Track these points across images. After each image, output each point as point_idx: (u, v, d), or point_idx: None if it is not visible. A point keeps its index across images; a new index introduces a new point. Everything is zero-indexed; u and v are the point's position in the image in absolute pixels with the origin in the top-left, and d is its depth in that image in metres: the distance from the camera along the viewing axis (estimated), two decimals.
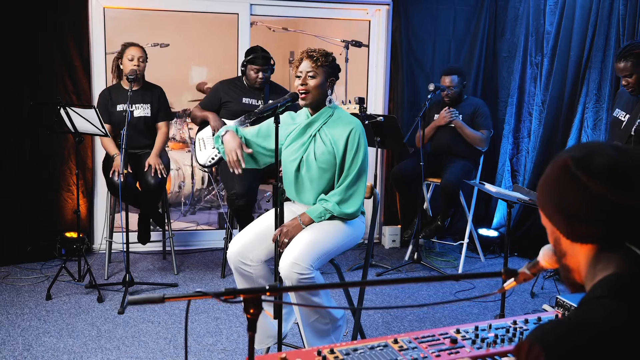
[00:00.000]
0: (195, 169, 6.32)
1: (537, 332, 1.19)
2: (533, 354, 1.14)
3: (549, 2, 5.22)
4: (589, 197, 1.18)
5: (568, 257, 1.28)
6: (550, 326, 1.19)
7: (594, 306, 1.19)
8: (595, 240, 1.22)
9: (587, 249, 1.24)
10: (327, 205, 3.01)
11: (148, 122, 4.71)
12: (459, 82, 5.11)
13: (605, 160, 1.18)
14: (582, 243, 1.24)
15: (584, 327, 1.16)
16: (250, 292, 1.46)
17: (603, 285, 1.20)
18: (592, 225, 1.20)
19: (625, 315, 1.16)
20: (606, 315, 1.16)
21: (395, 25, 5.56)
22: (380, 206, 5.80)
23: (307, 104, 3.04)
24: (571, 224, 1.22)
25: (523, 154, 5.52)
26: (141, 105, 4.67)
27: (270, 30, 6.53)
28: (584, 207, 1.19)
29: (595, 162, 1.19)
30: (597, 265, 1.23)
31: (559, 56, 5.14)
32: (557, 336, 1.16)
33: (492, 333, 2.06)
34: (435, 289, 4.63)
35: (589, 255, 1.24)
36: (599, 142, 1.27)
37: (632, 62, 3.64)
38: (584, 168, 1.19)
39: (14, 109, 4.89)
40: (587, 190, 1.18)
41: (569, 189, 1.21)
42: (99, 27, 5.13)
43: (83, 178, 5.10)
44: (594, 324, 1.15)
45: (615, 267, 1.20)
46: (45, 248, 5.00)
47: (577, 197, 1.20)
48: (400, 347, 1.95)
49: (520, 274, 1.66)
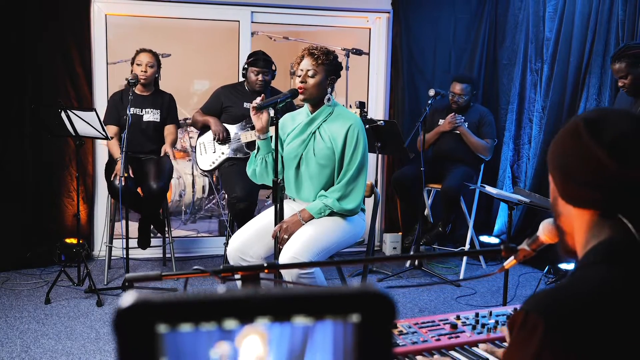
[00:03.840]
0: (196, 177, 6.32)
1: (532, 301, 1.17)
2: (529, 323, 1.11)
3: (548, 9, 5.24)
4: (591, 162, 1.16)
5: (563, 218, 1.27)
6: (545, 294, 1.17)
7: (589, 272, 1.18)
8: (589, 205, 1.20)
9: (582, 214, 1.22)
10: (327, 201, 3.00)
11: (157, 127, 4.75)
12: (469, 92, 5.12)
13: (616, 129, 1.16)
14: (577, 207, 1.22)
15: (580, 293, 1.14)
16: (248, 270, 1.45)
17: (597, 251, 1.19)
18: (589, 190, 1.18)
19: (621, 279, 1.14)
20: (602, 280, 1.15)
21: (396, 33, 5.59)
22: (381, 213, 5.78)
23: (305, 99, 3.05)
24: (569, 185, 1.21)
25: (524, 160, 5.51)
26: (151, 110, 4.70)
27: (271, 39, 6.57)
28: (584, 171, 1.18)
29: (605, 129, 1.17)
30: (590, 231, 1.21)
31: (559, 62, 5.15)
32: (553, 303, 1.14)
33: (493, 319, 2.05)
34: (436, 293, 4.60)
35: (583, 221, 1.22)
36: (618, 110, 1.26)
37: (626, 63, 3.65)
38: (593, 133, 1.17)
39: (16, 115, 4.90)
40: (590, 155, 1.16)
41: (573, 151, 1.20)
42: (101, 34, 5.16)
43: (83, 184, 5.09)
44: (590, 289, 1.14)
45: (607, 234, 1.19)
46: (45, 254, 4.98)
47: (579, 160, 1.18)
48: (399, 332, 1.93)
49: (520, 251, 1.65)
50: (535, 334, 1.09)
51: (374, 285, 0.60)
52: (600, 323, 1.10)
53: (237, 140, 4.69)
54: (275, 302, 0.59)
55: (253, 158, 3.17)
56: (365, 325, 0.59)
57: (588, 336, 1.08)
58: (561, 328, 1.09)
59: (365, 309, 0.59)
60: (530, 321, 1.11)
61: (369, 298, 0.59)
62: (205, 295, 0.58)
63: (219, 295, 0.58)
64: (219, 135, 4.65)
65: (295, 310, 0.59)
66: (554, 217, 1.31)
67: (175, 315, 0.57)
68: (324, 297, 0.60)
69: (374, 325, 0.59)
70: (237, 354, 0.59)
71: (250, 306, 0.58)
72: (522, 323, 1.12)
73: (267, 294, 0.59)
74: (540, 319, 1.09)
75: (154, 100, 4.75)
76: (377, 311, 0.59)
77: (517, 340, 1.13)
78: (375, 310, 0.59)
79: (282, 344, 0.60)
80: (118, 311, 0.57)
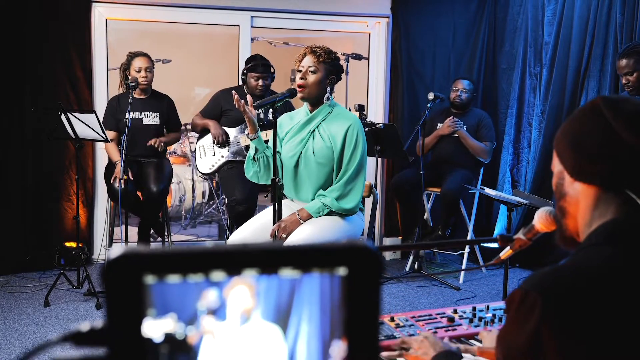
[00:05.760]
0: (197, 183, 6.32)
1: (531, 280, 1.17)
2: (528, 301, 1.11)
3: (547, 13, 5.26)
4: (607, 134, 1.18)
5: (567, 198, 1.26)
6: (545, 273, 1.17)
7: (590, 252, 1.18)
8: (598, 180, 1.20)
9: (589, 191, 1.22)
10: (326, 201, 3.00)
11: (157, 129, 4.76)
12: (471, 90, 5.18)
13: (634, 105, 1.20)
14: (585, 182, 1.22)
15: (581, 271, 1.15)
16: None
17: (600, 232, 1.19)
18: (601, 162, 1.19)
19: (622, 258, 1.15)
20: (604, 260, 1.15)
21: (395, 38, 5.61)
22: (381, 217, 5.78)
23: (304, 96, 3.05)
24: (581, 160, 1.22)
25: (523, 164, 5.52)
26: (150, 113, 4.72)
27: (272, 45, 6.59)
28: (598, 144, 1.19)
29: (624, 104, 1.20)
30: (596, 210, 1.21)
31: (558, 66, 5.16)
32: (553, 281, 1.14)
33: (490, 313, 2.05)
34: (436, 296, 4.59)
35: (589, 198, 1.22)
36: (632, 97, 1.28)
37: (634, 59, 3.66)
38: (612, 107, 1.20)
39: (16, 119, 4.91)
40: (607, 127, 1.18)
41: (590, 124, 1.22)
42: (101, 38, 5.18)
43: (83, 188, 5.09)
44: (591, 269, 1.14)
45: (612, 213, 1.19)
46: (45, 257, 4.98)
47: (595, 133, 1.20)
48: (396, 325, 1.93)
49: (516, 240, 1.65)
50: (534, 311, 1.09)
51: (360, 241, 0.61)
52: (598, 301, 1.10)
53: (236, 143, 4.70)
54: (262, 255, 0.59)
55: (249, 162, 3.18)
56: (352, 278, 0.59)
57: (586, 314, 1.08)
58: (560, 306, 1.09)
59: (352, 262, 0.59)
60: (529, 299, 1.11)
61: (356, 252, 0.60)
62: (193, 247, 0.59)
63: (207, 248, 0.59)
64: (219, 139, 4.67)
65: (282, 262, 0.59)
66: (557, 200, 1.31)
67: (162, 266, 0.58)
68: (311, 251, 0.60)
69: (361, 278, 0.59)
70: (224, 305, 0.60)
71: (237, 258, 0.58)
72: (520, 301, 1.13)
73: (254, 246, 0.59)
74: (539, 296, 1.10)
75: (152, 103, 4.76)
76: (364, 265, 0.59)
77: (516, 317, 1.13)
78: (362, 264, 0.59)
79: (270, 296, 0.60)
80: (106, 262, 0.57)
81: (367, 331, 0.60)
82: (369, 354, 0.60)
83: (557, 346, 1.07)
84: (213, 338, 0.61)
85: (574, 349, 1.07)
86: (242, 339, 0.62)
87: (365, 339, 0.60)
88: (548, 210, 1.54)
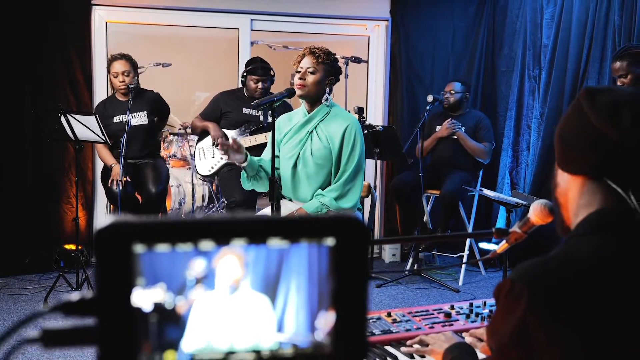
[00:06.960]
0: (196, 186, 6.32)
1: (518, 271, 1.18)
2: (515, 292, 1.12)
3: (546, 16, 5.28)
4: (584, 125, 1.19)
5: (559, 189, 1.28)
6: (532, 264, 1.18)
7: (578, 242, 1.19)
8: (582, 170, 1.22)
9: (576, 182, 1.23)
10: (324, 200, 3.01)
11: (146, 129, 4.74)
12: (461, 90, 5.17)
13: (612, 95, 1.19)
14: (571, 173, 1.24)
15: (569, 262, 1.15)
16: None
17: (587, 222, 1.20)
18: (581, 153, 1.20)
19: (610, 248, 1.15)
20: (592, 250, 1.15)
21: (394, 41, 5.62)
22: (380, 220, 5.78)
23: (303, 95, 3.06)
24: (566, 151, 1.24)
25: (522, 166, 5.52)
26: (137, 114, 4.70)
27: (271, 48, 6.61)
28: (578, 134, 1.21)
29: (601, 95, 1.20)
30: (582, 200, 1.22)
31: (557, 69, 5.17)
32: (540, 272, 1.14)
33: (487, 309, 2.05)
34: (435, 299, 4.59)
35: (576, 188, 1.23)
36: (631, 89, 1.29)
37: (628, 61, 3.67)
38: (589, 97, 1.20)
39: (16, 121, 4.92)
40: (584, 118, 1.19)
41: (572, 116, 1.24)
42: (101, 41, 5.20)
43: (83, 190, 5.09)
44: (579, 259, 1.15)
45: (599, 203, 1.20)
46: (44, 259, 4.98)
47: (575, 124, 1.22)
48: (393, 320, 1.93)
49: (511, 234, 1.65)
50: (521, 301, 1.10)
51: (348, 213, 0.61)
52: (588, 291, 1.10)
53: None
54: (251, 225, 0.60)
55: (244, 178, 3.23)
56: (339, 248, 0.60)
57: (576, 304, 1.09)
58: (547, 296, 1.09)
59: (340, 233, 0.60)
60: (515, 289, 1.12)
61: (344, 223, 0.60)
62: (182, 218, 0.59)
63: (196, 218, 0.60)
64: (218, 141, 4.67)
65: (271, 232, 0.60)
66: (552, 191, 1.32)
67: (151, 235, 0.58)
68: (299, 222, 0.61)
69: (349, 248, 0.60)
70: (213, 274, 0.60)
71: (226, 228, 0.59)
72: (508, 291, 1.13)
73: (243, 217, 0.60)
74: (525, 288, 1.10)
75: (138, 104, 4.69)
76: (352, 235, 0.60)
77: (503, 307, 1.14)
78: (350, 235, 0.60)
79: (258, 266, 0.61)
80: (97, 231, 0.58)
81: (355, 301, 0.60)
82: (356, 324, 0.60)
83: (546, 336, 1.07)
84: (202, 307, 0.62)
85: (566, 338, 1.07)
86: (231, 308, 0.62)
87: (353, 309, 0.60)
88: (543, 203, 1.55)
